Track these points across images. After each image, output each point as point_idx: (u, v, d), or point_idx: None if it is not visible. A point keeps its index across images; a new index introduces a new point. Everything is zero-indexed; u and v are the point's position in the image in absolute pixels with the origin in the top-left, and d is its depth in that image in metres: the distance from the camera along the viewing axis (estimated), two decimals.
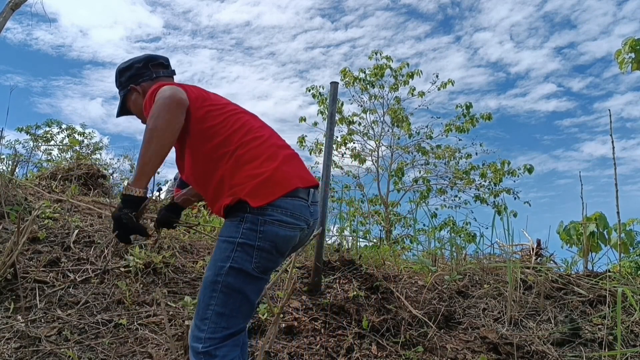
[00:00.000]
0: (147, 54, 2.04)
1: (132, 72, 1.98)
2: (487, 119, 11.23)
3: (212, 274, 1.63)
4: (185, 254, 3.63)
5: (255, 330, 2.73)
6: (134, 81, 1.98)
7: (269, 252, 1.64)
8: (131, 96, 1.99)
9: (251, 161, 1.67)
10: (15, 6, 7.97)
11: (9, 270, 2.80)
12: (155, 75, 1.99)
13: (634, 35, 5.46)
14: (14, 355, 2.31)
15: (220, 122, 1.73)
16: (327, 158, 3.33)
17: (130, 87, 1.97)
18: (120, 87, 2.03)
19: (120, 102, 2.03)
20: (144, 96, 1.92)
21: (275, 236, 1.63)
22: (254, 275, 1.64)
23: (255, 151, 1.70)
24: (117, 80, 2.04)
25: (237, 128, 1.73)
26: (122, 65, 2.02)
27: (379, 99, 11.65)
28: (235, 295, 1.62)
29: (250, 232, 1.61)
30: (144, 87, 1.95)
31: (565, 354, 2.83)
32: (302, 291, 3.22)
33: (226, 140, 1.70)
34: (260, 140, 1.74)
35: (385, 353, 2.69)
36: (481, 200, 11.11)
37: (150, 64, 2.00)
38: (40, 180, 5.02)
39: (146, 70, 1.99)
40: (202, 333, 1.60)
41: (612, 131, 4.37)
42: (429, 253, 4.52)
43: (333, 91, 3.41)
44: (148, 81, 1.97)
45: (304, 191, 1.73)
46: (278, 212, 1.64)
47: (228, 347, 1.61)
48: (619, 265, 4.20)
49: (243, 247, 1.61)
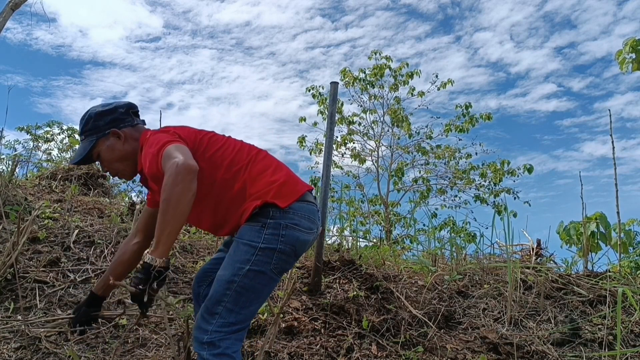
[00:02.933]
0: (129, 102, 1.98)
1: (114, 115, 1.89)
2: (487, 118, 11.22)
3: (230, 273, 1.67)
4: (185, 254, 3.63)
5: (255, 330, 2.73)
6: (116, 125, 1.88)
7: (288, 255, 1.72)
8: (107, 141, 1.87)
9: (264, 171, 1.78)
10: (15, 6, 7.97)
11: (9, 270, 2.80)
12: (136, 122, 1.94)
13: (634, 35, 5.46)
14: (14, 355, 2.31)
15: (220, 147, 1.82)
16: (327, 158, 3.33)
17: (112, 130, 1.87)
18: (93, 130, 1.88)
19: (88, 147, 1.87)
20: (124, 142, 1.87)
21: (295, 240, 1.72)
22: (270, 277, 1.71)
23: (264, 163, 1.82)
24: (92, 124, 1.88)
25: (238, 148, 1.84)
26: (100, 108, 1.91)
27: (379, 99, 11.64)
28: (249, 295, 1.68)
29: (272, 237, 1.68)
30: (126, 133, 1.88)
31: (565, 354, 2.83)
32: (302, 291, 3.22)
33: (234, 159, 1.80)
34: (262, 155, 1.86)
35: (385, 353, 2.69)
36: (481, 200, 11.10)
37: (131, 110, 1.95)
38: (40, 180, 5.02)
39: (127, 116, 1.92)
40: (210, 326, 1.65)
41: (612, 131, 4.38)
42: (429, 253, 4.52)
43: (333, 91, 3.41)
44: (129, 127, 1.90)
45: (311, 195, 1.85)
46: (298, 216, 1.74)
47: (232, 340, 1.66)
48: (619, 265, 4.20)
49: (264, 251, 1.67)
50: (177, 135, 1.76)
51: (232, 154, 1.81)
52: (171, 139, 1.70)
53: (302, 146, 11.83)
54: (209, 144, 1.82)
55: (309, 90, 11.64)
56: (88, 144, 1.88)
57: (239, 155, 1.81)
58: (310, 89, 11.62)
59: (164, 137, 1.71)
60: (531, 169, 10.89)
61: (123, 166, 1.91)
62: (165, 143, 1.67)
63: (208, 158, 1.77)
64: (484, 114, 11.27)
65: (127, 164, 1.89)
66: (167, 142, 1.67)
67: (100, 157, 1.91)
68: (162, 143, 1.68)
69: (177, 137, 1.74)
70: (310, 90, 11.62)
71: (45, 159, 9.33)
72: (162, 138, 1.71)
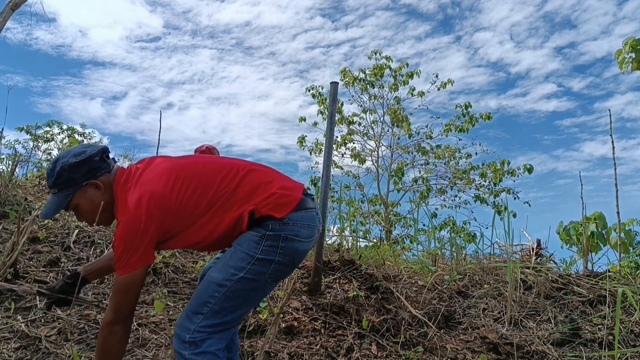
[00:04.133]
0: (101, 146, 1.86)
1: (90, 166, 1.77)
2: (486, 118, 11.22)
3: (222, 277, 1.66)
4: (185, 254, 3.63)
5: (255, 330, 2.73)
6: (93, 176, 1.77)
7: (286, 266, 1.72)
8: (85, 193, 1.77)
9: (256, 189, 1.72)
10: (15, 6, 7.97)
11: (9, 270, 2.80)
12: (111, 167, 1.83)
13: (634, 35, 5.46)
14: (14, 355, 2.31)
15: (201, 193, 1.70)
16: (327, 158, 3.33)
17: (89, 182, 1.76)
18: (68, 184, 1.76)
19: (64, 202, 1.77)
20: (103, 192, 1.77)
21: (295, 252, 1.71)
22: (264, 285, 1.70)
23: (253, 181, 1.74)
24: (66, 176, 1.75)
25: (221, 178, 1.73)
26: (73, 159, 1.76)
27: (379, 99, 11.64)
28: (237, 300, 1.67)
29: (270, 249, 1.66)
30: (104, 182, 1.78)
31: (565, 354, 2.83)
32: (302, 291, 3.22)
33: (217, 194, 1.70)
34: (248, 172, 1.77)
35: (385, 353, 2.69)
36: (481, 200, 11.10)
37: (105, 155, 1.83)
38: (40, 180, 5.02)
39: (103, 162, 1.81)
40: (192, 325, 1.64)
41: (612, 131, 4.39)
42: (429, 253, 4.52)
43: (333, 91, 3.41)
44: (105, 174, 1.79)
45: (309, 200, 1.80)
46: (297, 227, 1.71)
47: (214, 340, 1.65)
48: (619, 265, 4.20)
49: (261, 262, 1.66)
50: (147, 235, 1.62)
51: (214, 188, 1.71)
52: (132, 262, 1.60)
53: (302, 146, 11.83)
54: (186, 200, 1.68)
55: (309, 90, 11.65)
56: (63, 198, 1.77)
57: (223, 185, 1.71)
58: (310, 89, 11.62)
59: (129, 252, 1.60)
60: (531, 169, 10.90)
61: (104, 215, 1.80)
62: (125, 265, 1.60)
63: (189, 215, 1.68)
64: (484, 113, 11.28)
65: (108, 212, 1.79)
66: (128, 266, 1.60)
67: (79, 209, 1.80)
68: (123, 263, 1.60)
69: (140, 251, 1.61)
70: (310, 90, 11.62)
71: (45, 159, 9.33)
72: (129, 244, 1.60)
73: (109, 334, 1.65)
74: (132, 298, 1.66)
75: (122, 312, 1.65)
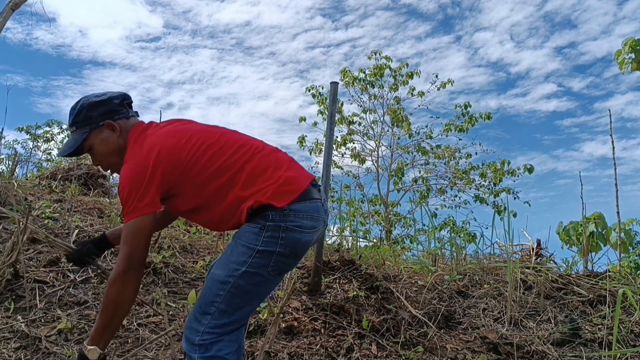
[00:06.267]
0: (123, 92, 1.88)
1: (108, 107, 1.80)
2: (486, 118, 11.22)
3: (224, 274, 1.63)
4: (185, 254, 3.63)
5: (255, 330, 2.73)
6: (111, 117, 1.79)
7: (288, 257, 1.67)
8: (100, 133, 1.78)
9: (262, 173, 1.69)
10: (15, 6, 7.97)
11: (9, 270, 2.80)
12: (130, 114, 1.85)
13: (634, 35, 5.46)
14: (14, 355, 2.31)
15: (212, 155, 1.70)
16: (327, 158, 3.33)
17: (106, 122, 1.78)
18: (86, 121, 1.78)
19: (80, 139, 1.78)
20: (119, 135, 1.78)
21: (296, 242, 1.66)
22: (267, 278, 1.66)
23: (261, 163, 1.71)
24: (84, 114, 1.78)
25: (233, 151, 1.72)
26: (93, 99, 1.80)
27: (379, 99, 11.64)
28: (243, 296, 1.64)
29: (271, 240, 1.62)
30: (121, 126, 1.79)
31: (565, 354, 2.83)
32: (302, 291, 3.22)
33: (228, 164, 1.69)
34: (261, 153, 1.75)
35: (385, 353, 2.69)
36: (481, 200, 11.10)
37: (126, 101, 1.86)
38: (40, 180, 5.02)
39: (122, 107, 1.83)
40: (201, 326, 1.61)
41: (612, 131, 4.39)
42: (429, 253, 4.52)
43: (333, 91, 3.41)
44: (123, 119, 1.81)
45: (315, 190, 1.76)
46: (299, 217, 1.66)
47: (225, 342, 1.62)
48: (619, 265, 4.20)
49: (262, 254, 1.62)
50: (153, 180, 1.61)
51: (226, 156, 1.70)
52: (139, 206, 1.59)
53: (302, 146, 11.83)
54: (197, 157, 1.68)
55: (309, 90, 11.64)
56: (80, 136, 1.78)
57: (234, 158, 1.70)
58: (310, 89, 11.62)
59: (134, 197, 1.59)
60: (531, 169, 10.90)
61: (116, 160, 1.80)
62: (133, 209, 1.59)
63: (196, 174, 1.68)
64: (484, 113, 11.28)
65: (121, 157, 1.77)
66: (135, 210, 1.59)
67: (93, 150, 1.81)
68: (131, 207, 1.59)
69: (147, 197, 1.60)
70: (310, 90, 11.62)
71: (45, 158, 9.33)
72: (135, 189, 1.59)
73: (122, 283, 1.58)
74: (143, 245, 1.62)
75: (134, 259, 1.60)
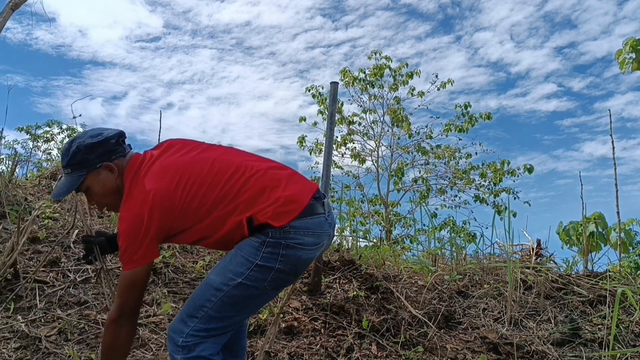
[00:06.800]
0: (118, 130, 1.85)
1: (105, 148, 1.77)
2: (486, 118, 11.22)
3: (219, 280, 1.62)
4: (185, 254, 3.63)
5: (255, 330, 2.73)
6: (108, 158, 1.76)
7: (287, 274, 1.65)
8: (98, 175, 1.76)
9: (259, 196, 1.65)
10: (15, 6, 7.96)
11: (9, 270, 2.80)
12: (126, 151, 1.84)
13: (634, 35, 5.46)
14: (14, 355, 2.31)
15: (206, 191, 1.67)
16: (327, 158, 3.32)
17: (104, 164, 1.75)
18: (83, 164, 1.75)
19: (77, 183, 1.75)
20: (117, 175, 1.77)
21: (297, 260, 1.64)
22: (263, 292, 1.65)
23: (258, 186, 1.67)
24: (80, 157, 1.74)
25: (226, 178, 1.68)
26: (89, 140, 1.76)
27: (379, 99, 11.64)
28: (234, 306, 1.63)
29: (270, 255, 1.60)
30: (118, 165, 1.78)
31: (565, 354, 2.83)
32: (302, 291, 3.22)
33: (221, 195, 1.66)
34: (256, 175, 1.70)
35: (385, 353, 2.69)
36: (481, 200, 11.10)
37: (121, 139, 1.84)
38: (40, 180, 5.02)
39: (119, 146, 1.81)
40: (186, 328, 1.61)
41: (613, 131, 4.40)
42: (429, 253, 4.52)
43: (333, 91, 3.41)
44: (120, 158, 1.79)
45: (318, 205, 1.72)
46: (301, 234, 1.63)
47: (208, 344, 1.62)
48: (619, 265, 4.20)
49: (261, 268, 1.60)
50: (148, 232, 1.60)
51: (219, 188, 1.66)
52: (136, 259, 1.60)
53: (302, 146, 11.83)
54: (190, 198, 1.65)
55: (308, 90, 11.64)
56: (77, 179, 1.75)
57: (228, 186, 1.66)
58: (310, 89, 11.62)
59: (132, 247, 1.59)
60: (531, 169, 10.90)
61: (114, 199, 1.78)
62: (129, 261, 1.60)
63: (193, 213, 1.66)
64: (484, 113, 11.28)
65: (118, 197, 1.75)
66: (133, 262, 1.60)
67: (90, 191, 1.79)
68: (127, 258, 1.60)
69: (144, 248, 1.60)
70: (310, 90, 11.62)
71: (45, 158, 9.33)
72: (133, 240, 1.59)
73: (114, 330, 1.63)
74: (136, 294, 1.64)
75: (127, 307, 1.63)
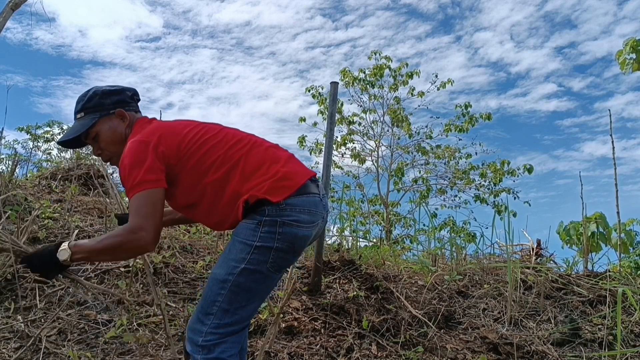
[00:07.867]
0: (133, 88, 1.91)
1: (121, 97, 1.83)
2: (486, 118, 11.21)
3: (224, 272, 1.63)
4: (185, 254, 3.63)
5: (255, 330, 2.73)
6: (122, 106, 1.82)
7: (286, 252, 1.65)
8: (110, 121, 1.78)
9: (258, 168, 1.68)
10: (15, 6, 7.96)
11: (9, 270, 2.80)
12: (138, 109, 1.89)
13: (634, 36, 5.46)
14: (14, 355, 2.31)
15: (210, 148, 1.71)
16: (327, 158, 3.32)
17: (118, 110, 1.80)
18: (97, 108, 1.77)
19: (88, 124, 1.76)
20: (128, 125, 1.80)
21: (294, 237, 1.65)
22: (267, 275, 1.65)
23: (258, 158, 1.71)
24: (96, 100, 1.78)
25: (231, 144, 1.73)
26: (106, 88, 1.82)
27: (379, 99, 11.63)
28: (244, 294, 1.63)
29: (268, 235, 1.61)
30: (130, 117, 1.82)
31: (565, 354, 2.83)
32: (302, 291, 3.22)
33: (225, 158, 1.70)
34: (258, 148, 1.75)
35: (385, 353, 2.69)
36: (481, 200, 11.09)
37: (136, 97, 1.91)
38: (40, 180, 5.02)
39: (132, 101, 1.87)
40: (204, 327, 1.61)
41: (613, 131, 4.38)
42: (429, 253, 4.52)
43: (333, 91, 3.41)
44: (132, 112, 1.84)
45: (314, 186, 1.75)
46: (296, 212, 1.65)
47: (228, 344, 1.62)
48: (619, 265, 4.20)
49: (260, 250, 1.61)
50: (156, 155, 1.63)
51: (223, 150, 1.71)
52: (146, 179, 1.58)
53: (302, 146, 11.82)
54: (196, 147, 1.70)
55: (309, 90, 11.63)
56: (89, 121, 1.76)
57: (231, 152, 1.71)
58: (310, 89, 11.61)
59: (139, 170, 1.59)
60: (531, 169, 10.89)
61: (119, 149, 1.77)
62: (139, 183, 1.58)
63: (193, 165, 1.69)
64: (484, 113, 11.26)
65: (123, 147, 1.74)
66: (141, 183, 1.58)
67: (98, 137, 1.79)
68: (135, 180, 1.58)
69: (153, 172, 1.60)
70: (310, 90, 11.60)
71: (45, 159, 9.33)
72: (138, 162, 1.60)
73: (134, 235, 1.53)
74: (158, 213, 1.58)
75: (151, 220, 1.55)
